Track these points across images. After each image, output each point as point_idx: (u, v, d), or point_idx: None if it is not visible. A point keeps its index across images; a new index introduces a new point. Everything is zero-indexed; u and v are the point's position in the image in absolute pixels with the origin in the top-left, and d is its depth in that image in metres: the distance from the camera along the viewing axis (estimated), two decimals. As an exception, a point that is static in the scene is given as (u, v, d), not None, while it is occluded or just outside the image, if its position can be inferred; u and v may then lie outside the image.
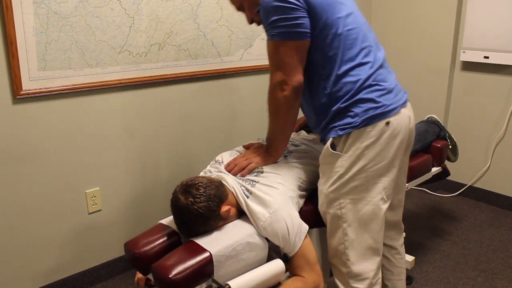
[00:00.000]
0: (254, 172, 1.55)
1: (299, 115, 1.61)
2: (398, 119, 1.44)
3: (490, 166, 3.07)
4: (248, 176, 1.54)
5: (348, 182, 1.44)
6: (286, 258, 1.46)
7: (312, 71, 1.45)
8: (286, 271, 1.46)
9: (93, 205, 2.19)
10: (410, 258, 2.25)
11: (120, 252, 2.33)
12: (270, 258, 1.45)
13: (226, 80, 2.61)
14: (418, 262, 2.42)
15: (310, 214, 1.55)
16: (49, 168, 2.02)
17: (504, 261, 2.45)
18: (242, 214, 1.50)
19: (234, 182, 1.50)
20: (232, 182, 1.49)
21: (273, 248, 1.48)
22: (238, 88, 2.68)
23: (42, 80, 1.91)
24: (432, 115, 2.43)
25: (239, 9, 1.59)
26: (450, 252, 2.53)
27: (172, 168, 2.46)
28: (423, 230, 2.77)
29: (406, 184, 1.78)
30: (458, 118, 3.18)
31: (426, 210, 3.06)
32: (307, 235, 1.48)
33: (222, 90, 2.61)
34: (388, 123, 1.41)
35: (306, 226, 1.49)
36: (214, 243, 1.36)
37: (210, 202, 1.39)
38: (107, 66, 2.09)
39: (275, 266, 1.42)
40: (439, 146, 2.22)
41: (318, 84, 1.45)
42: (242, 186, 1.49)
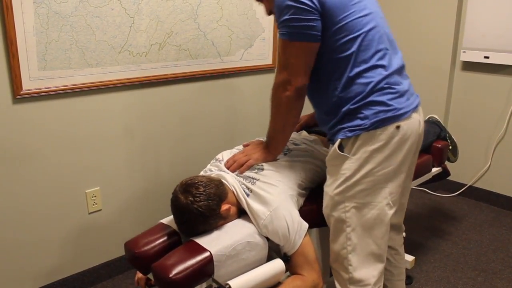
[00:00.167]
0: (255, 169, 1.54)
1: (304, 113, 1.60)
2: (409, 124, 1.41)
3: (490, 166, 3.07)
4: (248, 173, 1.53)
5: (354, 185, 1.41)
6: (286, 258, 1.46)
7: (323, 71, 1.42)
8: (286, 271, 1.46)
9: (93, 205, 2.19)
10: (410, 258, 2.25)
11: (120, 252, 2.33)
12: (270, 258, 1.45)
13: (226, 80, 2.61)
14: (418, 262, 2.41)
15: (310, 213, 1.55)
16: (49, 167, 2.02)
17: (504, 261, 2.45)
18: (242, 213, 1.51)
19: (235, 181, 1.50)
20: (232, 181, 1.49)
21: (273, 248, 1.48)
22: (238, 88, 2.68)
23: (42, 80, 1.91)
24: (433, 115, 2.43)
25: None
26: (450, 252, 2.53)
27: (172, 167, 2.46)
28: (423, 230, 2.77)
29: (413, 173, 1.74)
30: (458, 118, 3.18)
31: (426, 210, 3.06)
32: (307, 234, 1.48)
33: (222, 90, 2.61)
34: (398, 127, 1.38)
35: (306, 225, 1.49)
36: (214, 243, 1.36)
37: (210, 201, 1.39)
38: (107, 66, 2.09)
39: (275, 266, 1.42)
40: (440, 146, 2.22)
41: (328, 84, 1.42)
42: (243, 184, 1.49)
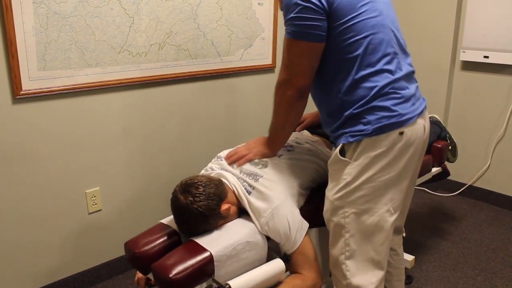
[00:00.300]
0: (259, 164, 1.54)
1: (308, 110, 1.60)
2: (413, 130, 1.38)
3: (490, 165, 3.07)
4: (252, 168, 1.53)
5: (354, 191, 1.38)
6: (286, 258, 1.46)
7: (328, 71, 1.40)
8: (286, 271, 1.46)
9: (93, 205, 2.19)
10: (410, 258, 2.25)
11: (120, 252, 2.33)
12: (270, 258, 1.45)
13: (226, 80, 2.61)
14: (418, 261, 2.42)
15: (310, 213, 1.55)
16: (49, 168, 2.02)
17: (504, 260, 2.45)
18: (242, 212, 1.51)
19: (235, 180, 1.50)
20: (233, 180, 1.49)
21: (273, 247, 1.48)
22: (238, 88, 2.68)
23: (42, 80, 1.91)
24: (433, 115, 2.43)
25: None
26: (450, 251, 2.53)
27: (172, 167, 2.46)
28: (423, 230, 2.77)
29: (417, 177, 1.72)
30: (458, 118, 3.18)
31: (426, 209, 3.06)
32: (307, 233, 1.49)
33: (222, 90, 2.61)
34: (401, 133, 1.35)
35: (307, 224, 1.49)
36: (215, 243, 1.36)
37: (209, 201, 1.39)
38: (107, 66, 2.09)
39: (275, 266, 1.42)
40: (440, 146, 2.22)
41: (333, 85, 1.40)
42: (245, 181, 1.48)
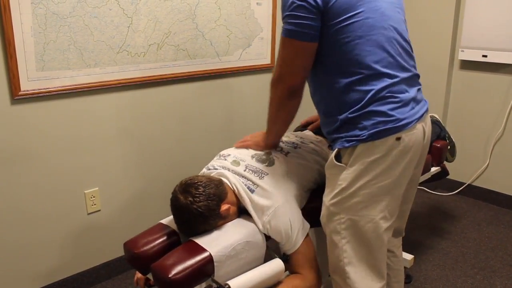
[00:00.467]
0: (266, 162, 1.54)
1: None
2: (411, 135, 1.33)
3: (489, 164, 3.08)
4: (259, 165, 1.53)
5: (350, 197, 1.35)
6: (285, 258, 1.47)
7: (323, 72, 1.38)
8: (285, 271, 1.46)
9: (92, 205, 2.19)
10: (409, 257, 2.26)
11: (119, 252, 2.33)
12: (269, 258, 1.46)
13: (224, 80, 2.61)
14: (417, 260, 2.42)
15: (310, 213, 1.55)
16: (48, 168, 2.01)
17: (503, 259, 2.45)
18: (242, 212, 1.51)
19: (237, 179, 1.49)
20: (234, 179, 1.49)
21: (272, 247, 1.48)
22: (236, 88, 2.68)
23: (40, 80, 1.91)
24: (433, 115, 2.43)
25: None
26: (449, 250, 2.54)
27: (171, 167, 2.46)
28: (422, 229, 2.78)
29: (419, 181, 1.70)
30: (457, 117, 3.19)
31: (425, 209, 3.07)
32: (308, 234, 1.49)
33: (221, 90, 2.61)
34: (399, 139, 1.31)
35: (308, 224, 1.49)
36: (214, 243, 1.36)
37: (209, 201, 1.39)
38: (106, 66, 2.09)
39: (275, 266, 1.42)
40: (439, 146, 2.22)
41: (327, 86, 1.38)
42: (248, 180, 1.48)
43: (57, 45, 1.92)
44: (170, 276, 1.26)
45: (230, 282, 1.33)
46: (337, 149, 1.38)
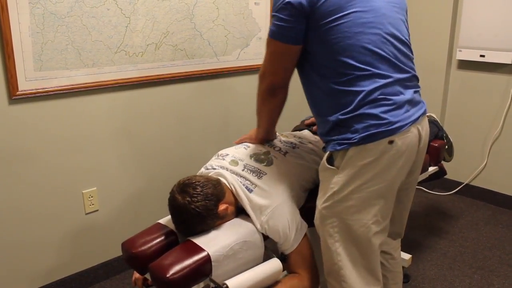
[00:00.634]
0: (264, 161, 1.55)
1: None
2: (404, 139, 1.30)
3: (486, 164, 3.08)
4: (257, 164, 1.53)
5: (342, 201, 1.33)
6: (283, 258, 1.47)
7: (314, 72, 1.37)
8: (283, 271, 1.46)
9: (90, 205, 2.19)
10: (407, 256, 2.26)
11: (117, 252, 2.33)
12: (267, 257, 1.46)
13: (222, 79, 2.61)
14: (415, 260, 2.42)
15: (307, 213, 1.55)
16: (46, 168, 2.01)
17: (500, 258, 2.46)
18: (240, 212, 1.51)
19: (235, 178, 1.50)
20: (232, 179, 1.49)
21: (270, 247, 1.48)
22: (235, 87, 2.68)
23: (38, 80, 1.91)
24: (431, 114, 2.43)
25: None
26: (447, 250, 2.54)
27: (169, 167, 2.46)
28: (420, 229, 2.78)
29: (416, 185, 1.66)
30: (455, 117, 3.19)
31: (423, 208, 3.07)
32: (306, 233, 1.49)
33: (219, 90, 2.61)
34: (391, 142, 1.28)
35: (306, 224, 1.49)
36: (212, 243, 1.36)
37: (207, 201, 1.39)
38: (104, 66, 2.09)
39: (273, 266, 1.42)
40: (437, 145, 2.23)
41: (318, 86, 1.37)
42: (247, 180, 1.48)
43: (55, 45, 1.92)
44: (168, 276, 1.26)
45: (228, 282, 1.33)
46: (329, 151, 1.36)
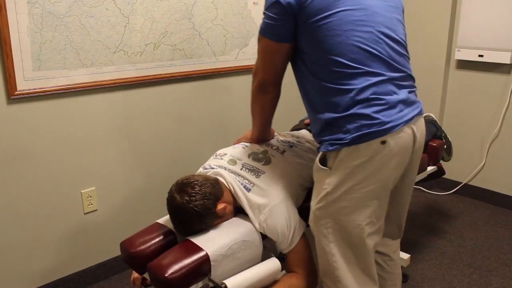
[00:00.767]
0: (262, 160, 1.55)
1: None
2: (397, 139, 1.28)
3: (485, 164, 3.09)
4: (255, 163, 1.53)
5: (335, 201, 1.32)
6: (282, 257, 1.47)
7: (305, 69, 1.37)
8: (282, 270, 1.46)
9: (89, 205, 2.19)
10: (406, 256, 2.26)
11: (116, 252, 2.33)
12: (266, 257, 1.46)
13: (221, 79, 2.61)
14: (414, 260, 2.42)
15: (305, 212, 1.55)
16: (44, 168, 2.01)
17: (499, 258, 2.46)
18: (238, 211, 1.51)
19: (233, 178, 1.50)
20: (230, 178, 1.49)
21: (269, 247, 1.48)
22: (233, 87, 2.68)
23: (36, 80, 1.90)
24: (429, 114, 2.44)
25: None
26: (445, 249, 2.54)
27: (167, 167, 2.46)
28: (419, 228, 2.78)
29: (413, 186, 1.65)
30: (453, 116, 3.19)
31: (421, 208, 3.07)
32: (304, 233, 1.49)
33: (218, 90, 2.61)
34: (384, 143, 1.26)
35: (304, 223, 1.49)
36: (211, 242, 1.36)
37: (205, 200, 1.39)
38: (102, 66, 2.09)
39: (271, 265, 1.42)
40: (435, 145, 2.23)
41: (309, 83, 1.37)
42: (245, 179, 1.48)
43: (53, 44, 1.92)
44: (166, 275, 1.26)
45: (226, 281, 1.33)
46: (321, 152, 1.35)
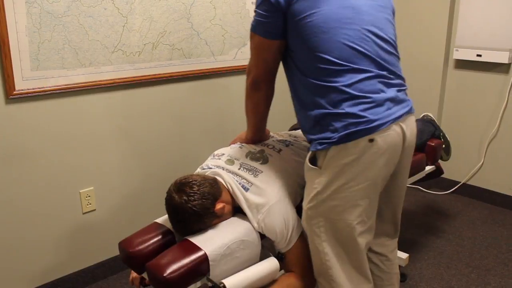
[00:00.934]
0: (260, 159, 1.55)
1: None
2: (385, 137, 1.29)
3: (483, 163, 3.09)
4: (253, 163, 1.53)
5: (325, 201, 1.33)
6: (280, 257, 1.47)
7: (293, 66, 1.38)
8: (280, 270, 1.47)
9: (87, 205, 2.18)
10: (404, 256, 2.26)
11: (114, 252, 2.33)
12: (265, 256, 1.46)
13: (220, 79, 2.61)
14: (412, 259, 2.43)
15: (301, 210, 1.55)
16: (43, 168, 2.01)
17: (497, 257, 2.46)
18: (236, 211, 1.51)
19: (231, 177, 1.50)
20: (228, 178, 1.49)
21: (267, 246, 1.48)
22: (232, 87, 2.68)
23: (35, 80, 1.90)
24: (427, 114, 2.44)
25: None
26: (444, 249, 2.55)
27: (166, 167, 2.46)
28: (417, 228, 2.79)
29: (406, 184, 1.65)
30: (452, 116, 3.20)
31: (420, 207, 3.08)
32: (302, 232, 1.49)
33: (216, 90, 2.61)
34: (371, 141, 1.27)
35: None
36: (209, 242, 1.36)
37: (204, 200, 1.39)
38: (101, 66, 2.09)
39: (270, 265, 1.42)
40: (433, 145, 2.23)
41: (298, 82, 1.38)
42: (243, 178, 1.48)
43: (51, 44, 1.92)
44: (165, 275, 1.26)
45: (225, 281, 1.33)
46: (311, 151, 1.36)
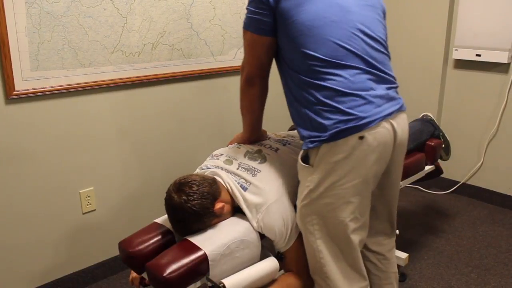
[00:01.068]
0: (258, 159, 1.55)
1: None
2: (375, 134, 1.30)
3: (483, 163, 3.09)
4: (251, 163, 1.54)
5: (318, 198, 1.35)
6: (280, 256, 1.47)
7: (284, 65, 1.40)
8: (280, 269, 1.47)
9: (87, 205, 2.19)
10: (404, 255, 2.26)
11: (114, 252, 2.33)
12: (264, 256, 1.46)
13: (219, 79, 2.62)
14: (412, 259, 2.43)
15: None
16: (43, 168, 2.01)
17: (496, 257, 2.46)
18: (236, 211, 1.51)
19: (230, 177, 1.50)
20: (227, 178, 1.50)
21: (267, 246, 1.48)
22: (231, 87, 2.68)
23: (35, 80, 1.91)
24: (427, 113, 2.44)
25: None
26: (443, 249, 2.55)
27: (166, 167, 2.46)
28: (417, 228, 2.79)
29: (400, 182, 1.67)
30: (451, 116, 3.20)
31: (419, 207, 3.08)
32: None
33: (216, 90, 2.61)
34: (361, 138, 1.28)
35: None
36: (209, 242, 1.36)
37: (203, 200, 1.39)
38: (100, 66, 2.09)
39: (269, 264, 1.42)
40: (433, 144, 2.23)
41: (289, 79, 1.39)
42: (241, 178, 1.49)
43: (51, 44, 1.92)
44: (164, 275, 1.26)
45: (225, 281, 1.33)
46: (303, 150, 1.38)
